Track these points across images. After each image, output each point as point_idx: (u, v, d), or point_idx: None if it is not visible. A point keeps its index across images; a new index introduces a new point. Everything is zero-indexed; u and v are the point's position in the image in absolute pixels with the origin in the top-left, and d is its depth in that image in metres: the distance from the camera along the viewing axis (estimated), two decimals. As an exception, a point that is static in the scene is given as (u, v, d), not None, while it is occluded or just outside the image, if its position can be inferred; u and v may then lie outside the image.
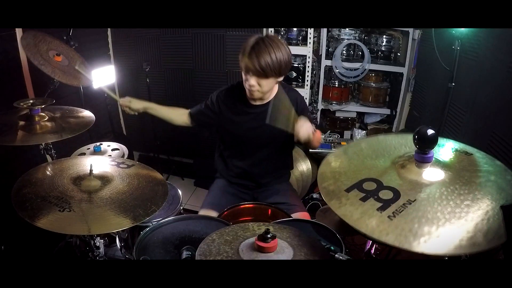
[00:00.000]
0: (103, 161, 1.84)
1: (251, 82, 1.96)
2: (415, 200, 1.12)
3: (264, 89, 2.00)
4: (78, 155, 2.57)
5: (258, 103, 2.14)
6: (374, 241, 1.66)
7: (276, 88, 2.15)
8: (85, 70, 2.50)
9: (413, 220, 1.05)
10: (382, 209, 1.11)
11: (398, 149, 1.40)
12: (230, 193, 2.36)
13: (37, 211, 1.39)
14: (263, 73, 1.92)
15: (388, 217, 1.07)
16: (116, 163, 1.82)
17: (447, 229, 1.00)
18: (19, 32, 2.70)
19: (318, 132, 2.06)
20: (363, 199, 1.17)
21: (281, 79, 2.05)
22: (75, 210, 1.42)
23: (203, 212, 2.18)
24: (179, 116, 2.35)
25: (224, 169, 2.42)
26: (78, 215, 1.40)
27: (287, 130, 1.92)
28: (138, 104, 2.26)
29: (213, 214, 2.12)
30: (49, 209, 1.40)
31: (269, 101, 2.13)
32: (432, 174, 1.22)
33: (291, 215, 2.12)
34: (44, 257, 2.51)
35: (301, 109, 2.20)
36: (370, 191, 1.20)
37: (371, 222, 1.07)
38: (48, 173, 1.68)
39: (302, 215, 2.17)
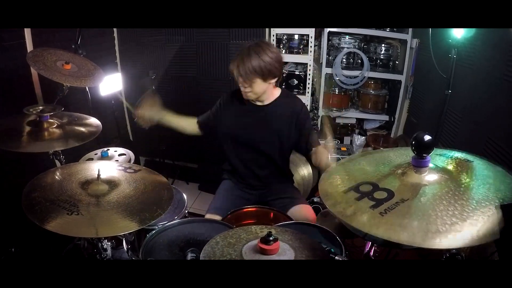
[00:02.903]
0: (110, 166, 1.85)
1: (243, 85, 2.06)
2: (408, 199, 1.14)
3: (256, 90, 2.07)
4: (86, 160, 2.58)
5: (258, 103, 2.19)
6: (368, 239, 1.67)
7: (277, 91, 2.20)
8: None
9: (404, 216, 1.07)
10: (374, 207, 1.14)
11: (399, 159, 1.42)
12: (235, 195, 2.38)
13: (46, 214, 1.39)
14: (248, 77, 1.99)
15: (380, 213, 1.10)
16: (123, 168, 1.83)
17: (438, 225, 1.01)
18: (28, 39, 2.73)
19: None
20: (358, 199, 1.20)
21: (272, 81, 2.09)
22: (83, 213, 1.42)
23: (208, 216, 2.19)
24: (190, 125, 2.41)
25: (230, 169, 2.45)
26: (86, 218, 1.40)
27: None
28: (154, 114, 2.27)
29: (218, 218, 2.13)
30: (57, 212, 1.41)
31: (270, 102, 2.18)
32: (430, 179, 1.23)
33: (294, 207, 2.19)
34: (53, 259, 2.52)
35: (303, 119, 2.23)
36: (366, 192, 1.23)
37: (362, 218, 1.11)
38: (57, 177, 1.69)
39: (304, 207, 2.22)
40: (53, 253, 2.51)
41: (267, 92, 2.14)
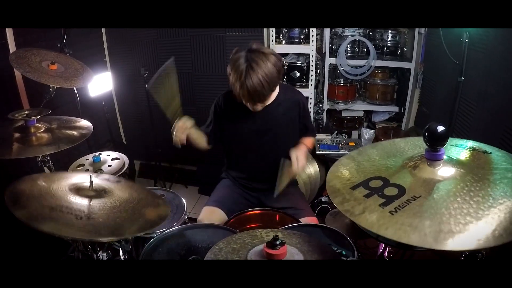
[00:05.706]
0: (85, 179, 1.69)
1: (255, 106, 2.05)
2: (420, 196, 1.13)
3: (267, 103, 2.09)
4: (77, 166, 2.58)
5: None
6: (381, 240, 1.66)
7: (277, 89, 2.17)
8: None
9: (415, 215, 1.06)
10: (384, 205, 1.13)
11: (411, 151, 1.41)
12: (236, 192, 2.41)
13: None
14: (264, 97, 2.00)
15: (390, 212, 1.09)
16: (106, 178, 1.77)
17: (451, 224, 1.00)
18: (11, 40, 2.72)
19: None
20: (367, 196, 1.20)
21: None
22: (93, 216, 1.38)
23: (206, 209, 2.24)
24: (204, 139, 2.31)
25: (230, 170, 2.47)
26: (101, 221, 1.36)
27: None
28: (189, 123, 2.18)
29: (217, 211, 2.19)
30: (65, 219, 1.33)
31: (272, 102, 2.17)
32: (444, 173, 1.22)
33: (299, 220, 2.14)
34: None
35: (303, 114, 2.27)
36: (375, 188, 1.22)
37: (371, 217, 1.10)
38: (43, 184, 1.59)
39: (310, 220, 2.18)
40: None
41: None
